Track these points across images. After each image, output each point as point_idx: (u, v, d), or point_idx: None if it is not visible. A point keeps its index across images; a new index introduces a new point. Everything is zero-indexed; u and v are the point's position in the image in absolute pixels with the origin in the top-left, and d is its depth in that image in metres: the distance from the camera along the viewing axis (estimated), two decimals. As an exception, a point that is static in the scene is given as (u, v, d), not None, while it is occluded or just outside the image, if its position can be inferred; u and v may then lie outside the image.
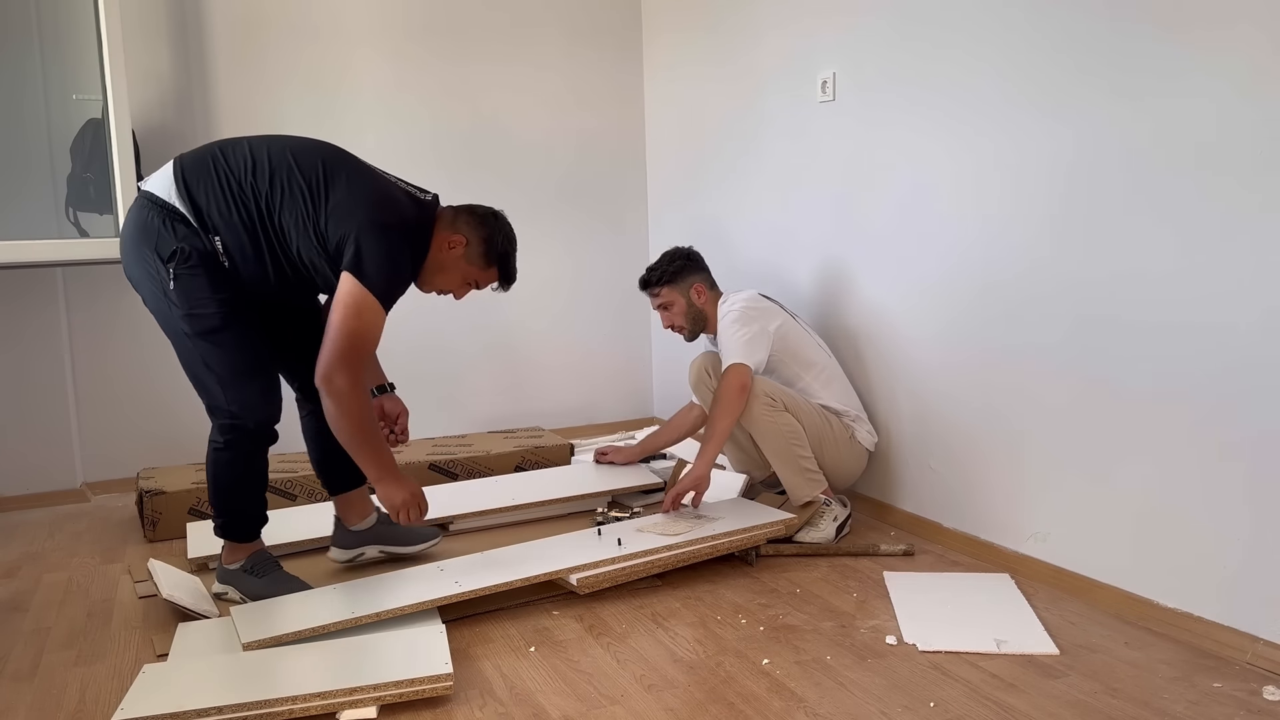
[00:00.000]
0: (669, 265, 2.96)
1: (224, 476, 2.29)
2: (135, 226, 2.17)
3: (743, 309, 2.78)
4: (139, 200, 2.19)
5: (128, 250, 2.19)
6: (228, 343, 2.18)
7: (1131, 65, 2.10)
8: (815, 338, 2.90)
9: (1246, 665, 1.93)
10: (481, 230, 2.34)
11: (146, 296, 2.20)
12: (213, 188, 2.15)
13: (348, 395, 2.14)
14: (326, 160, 2.20)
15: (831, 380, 2.83)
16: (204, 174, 2.16)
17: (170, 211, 2.14)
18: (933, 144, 2.64)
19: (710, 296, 2.94)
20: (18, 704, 1.90)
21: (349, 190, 2.16)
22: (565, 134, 4.06)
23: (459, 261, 2.33)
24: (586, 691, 1.88)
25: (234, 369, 2.20)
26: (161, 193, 2.16)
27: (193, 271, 2.13)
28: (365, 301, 2.12)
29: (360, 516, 2.55)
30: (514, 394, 4.07)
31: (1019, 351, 2.44)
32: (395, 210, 2.20)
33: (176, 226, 2.13)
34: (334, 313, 2.13)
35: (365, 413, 2.20)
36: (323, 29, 3.63)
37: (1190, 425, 2.05)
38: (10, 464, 3.35)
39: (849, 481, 2.86)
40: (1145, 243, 2.11)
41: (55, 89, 3.09)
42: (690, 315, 2.95)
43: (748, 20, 3.40)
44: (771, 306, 2.86)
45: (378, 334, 2.18)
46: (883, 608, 2.25)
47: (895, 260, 2.81)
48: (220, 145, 2.22)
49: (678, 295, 2.95)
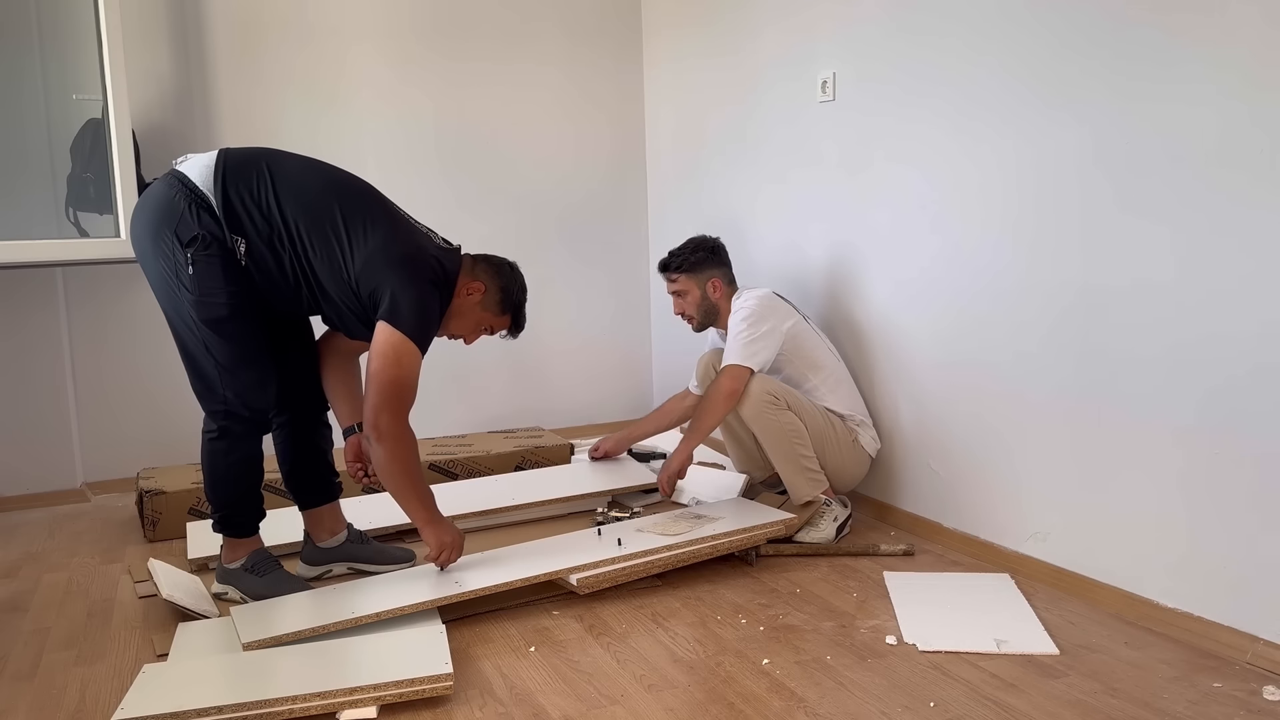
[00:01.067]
0: (691, 254, 2.94)
1: (219, 466, 2.29)
2: (158, 203, 2.15)
3: (757, 306, 2.78)
4: (168, 178, 2.17)
5: (142, 225, 2.17)
6: (232, 333, 2.19)
7: (1134, 66, 2.10)
8: (826, 341, 2.89)
9: (1246, 665, 1.93)
10: (499, 279, 2.40)
11: (152, 274, 2.19)
12: (251, 196, 2.16)
13: (396, 441, 2.18)
14: (368, 206, 2.24)
15: (839, 385, 2.82)
16: (247, 179, 2.17)
17: (199, 199, 2.13)
18: (934, 144, 2.64)
19: (726, 292, 2.94)
20: (18, 704, 1.90)
21: (385, 240, 2.20)
22: (565, 133, 4.06)
23: (475, 308, 2.38)
24: (586, 691, 1.88)
25: (234, 358, 2.20)
26: (197, 178, 2.15)
27: (210, 259, 2.13)
28: (404, 348, 2.16)
29: (330, 533, 2.51)
30: (513, 394, 4.07)
31: (1019, 351, 2.43)
32: (426, 260, 2.25)
33: (201, 215, 2.13)
34: (373, 362, 2.16)
35: (413, 459, 2.24)
36: (322, 29, 3.63)
37: (1190, 425, 2.05)
38: (10, 464, 3.35)
39: (851, 485, 2.86)
40: (1147, 244, 2.10)
41: (55, 89, 3.09)
42: (702, 308, 2.95)
43: (748, 19, 3.40)
44: (785, 306, 2.86)
45: (416, 378, 2.21)
46: (883, 608, 2.25)
47: (896, 261, 2.81)
48: (269, 158, 2.23)
49: (693, 285, 2.94)
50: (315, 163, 2.30)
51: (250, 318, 2.22)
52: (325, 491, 2.50)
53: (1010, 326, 2.45)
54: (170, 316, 2.22)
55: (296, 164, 2.26)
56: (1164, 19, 2.03)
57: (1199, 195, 1.99)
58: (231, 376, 2.21)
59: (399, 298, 2.16)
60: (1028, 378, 2.42)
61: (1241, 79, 1.90)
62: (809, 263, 3.18)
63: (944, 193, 2.62)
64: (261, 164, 2.20)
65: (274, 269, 2.20)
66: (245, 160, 2.20)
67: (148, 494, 2.90)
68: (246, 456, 2.31)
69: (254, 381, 2.24)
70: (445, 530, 2.31)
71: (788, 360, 2.80)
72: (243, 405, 2.23)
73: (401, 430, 2.19)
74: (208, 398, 2.25)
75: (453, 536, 2.32)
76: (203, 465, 2.31)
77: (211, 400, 2.24)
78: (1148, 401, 2.13)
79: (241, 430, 2.26)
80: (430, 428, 3.81)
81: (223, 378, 2.21)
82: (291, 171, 2.22)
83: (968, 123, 2.53)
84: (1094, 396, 2.25)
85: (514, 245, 3.98)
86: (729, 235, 3.62)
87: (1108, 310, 2.20)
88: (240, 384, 2.22)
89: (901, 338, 2.81)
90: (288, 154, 2.28)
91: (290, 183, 2.20)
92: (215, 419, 2.26)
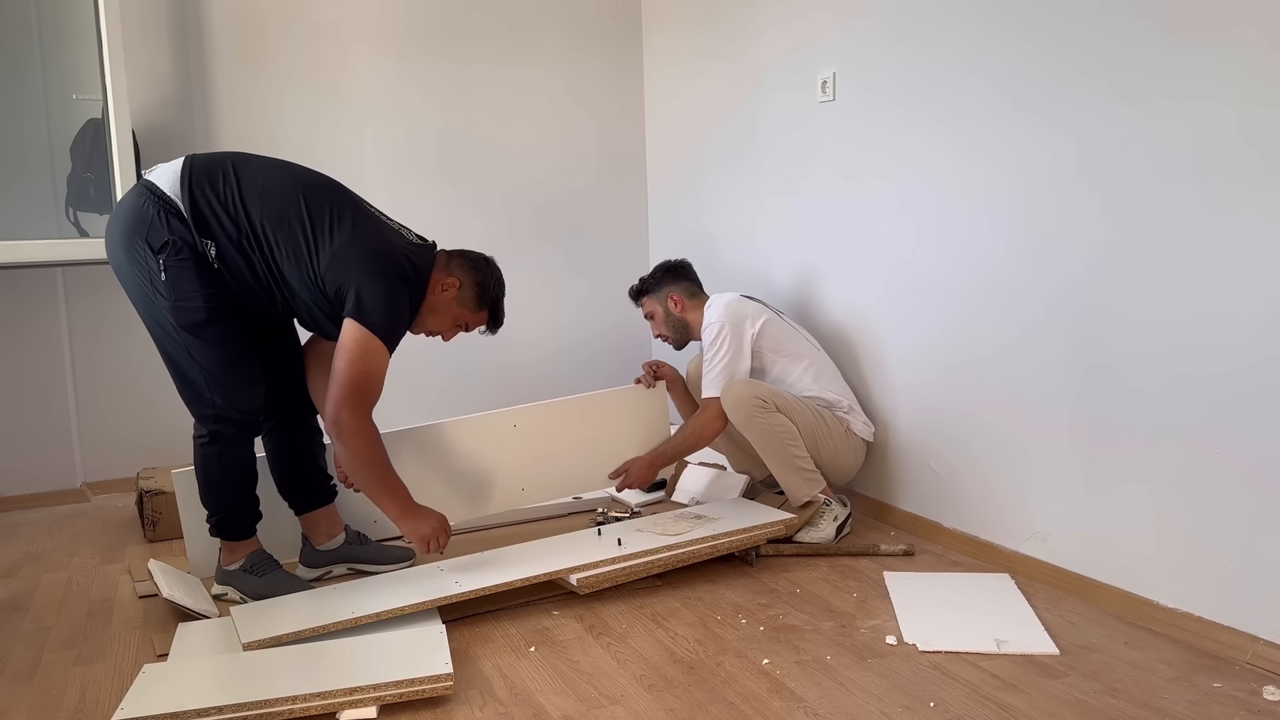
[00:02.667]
0: (651, 277, 3.07)
1: (212, 470, 2.28)
2: (128, 214, 2.17)
3: (722, 318, 2.81)
4: (137, 188, 2.19)
5: (116, 236, 2.19)
6: (213, 337, 2.18)
7: (1134, 66, 2.10)
8: (802, 332, 2.92)
9: (1246, 665, 1.93)
10: (475, 274, 2.39)
11: (129, 285, 2.20)
12: (218, 198, 2.16)
13: (357, 438, 2.17)
14: (334, 203, 2.23)
15: (821, 373, 2.84)
16: (213, 181, 2.17)
17: (167, 205, 2.14)
18: (934, 144, 2.64)
19: (689, 304, 2.99)
20: (18, 704, 1.90)
21: (352, 237, 2.19)
22: (565, 135, 4.06)
23: (451, 304, 2.38)
24: (586, 691, 1.88)
25: (218, 361, 2.20)
26: (165, 185, 2.16)
27: (182, 264, 2.14)
28: (369, 345, 2.15)
29: (328, 535, 2.51)
30: (513, 394, 4.05)
31: (1019, 351, 2.44)
32: (395, 257, 2.23)
33: (171, 220, 2.14)
34: (338, 358, 2.15)
35: (376, 454, 2.21)
36: (323, 29, 3.63)
37: (1190, 425, 2.05)
38: (10, 464, 3.35)
39: (849, 476, 2.86)
40: (1147, 244, 2.10)
41: (55, 89, 3.10)
42: (670, 324, 3.02)
43: (748, 20, 3.40)
44: (753, 307, 2.87)
45: (382, 376, 2.20)
46: (883, 608, 2.25)
47: (896, 260, 2.81)
48: (235, 159, 2.23)
49: (656, 305, 3.03)
50: (282, 163, 2.30)
51: (230, 320, 2.21)
52: (319, 495, 2.49)
53: (1011, 326, 2.45)
54: (150, 326, 2.22)
55: (262, 164, 2.25)
56: (1165, 22, 2.03)
57: (1202, 196, 1.99)
58: (218, 380, 2.21)
59: (364, 294, 2.14)
60: (1028, 378, 2.41)
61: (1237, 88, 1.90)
62: (809, 262, 3.18)
63: (945, 192, 2.62)
64: (227, 165, 2.20)
65: (245, 271, 2.19)
66: (211, 163, 2.20)
67: (148, 494, 2.90)
68: (239, 459, 2.30)
69: (241, 382, 2.23)
70: (423, 521, 2.27)
71: (767, 358, 2.82)
72: (231, 408, 2.23)
73: (363, 426, 2.17)
74: (196, 403, 2.24)
75: (432, 525, 2.28)
76: (196, 471, 2.31)
77: (200, 405, 2.24)
78: (1148, 401, 2.13)
79: (233, 433, 2.26)
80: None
81: (209, 382, 2.21)
82: (256, 172, 2.22)
83: (968, 124, 2.52)
84: (1094, 397, 2.25)
85: (514, 245, 3.99)
86: (729, 236, 3.63)
87: (1108, 310, 2.20)
88: (227, 387, 2.21)
89: (901, 337, 2.81)
90: (255, 156, 2.28)
91: (255, 183, 2.19)
92: (205, 424, 2.25)
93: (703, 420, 2.79)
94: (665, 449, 2.86)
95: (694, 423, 2.82)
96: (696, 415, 2.83)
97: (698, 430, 2.80)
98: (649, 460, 2.84)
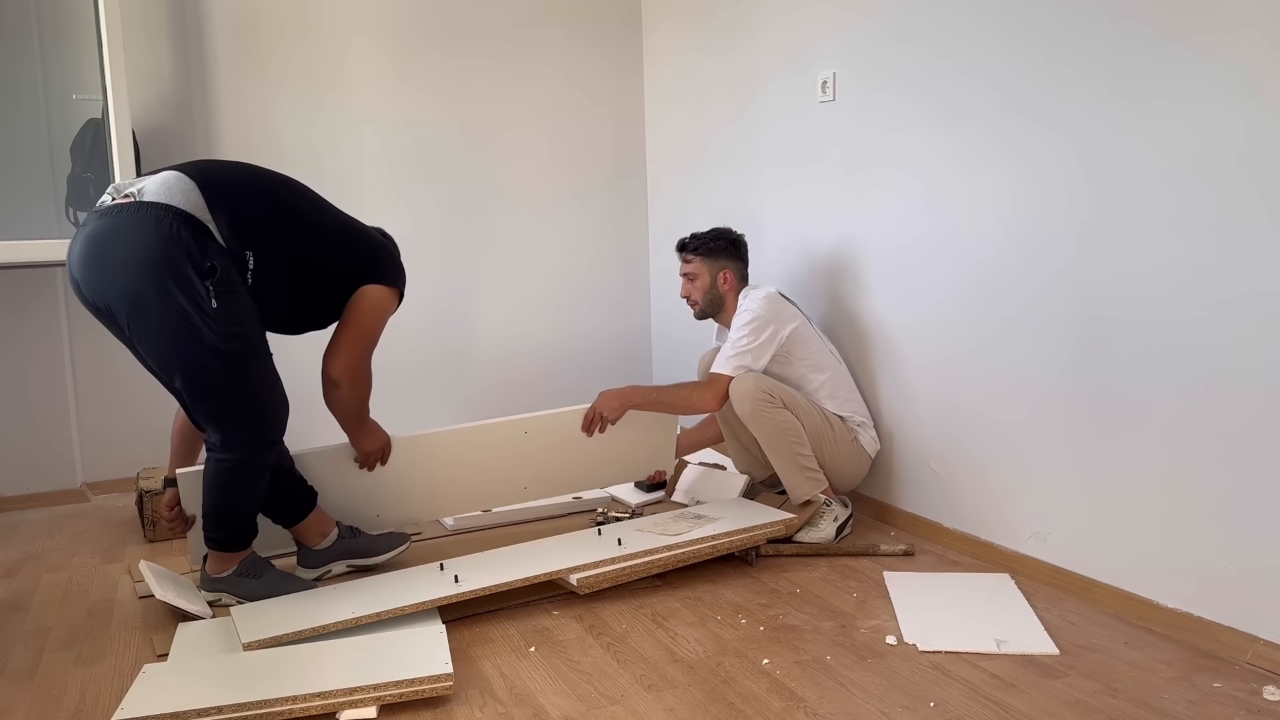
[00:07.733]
0: (711, 240, 2.94)
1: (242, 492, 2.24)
2: (155, 239, 2.03)
3: (761, 310, 2.76)
4: (156, 212, 2.05)
5: (134, 265, 2.03)
6: (264, 362, 2.21)
7: (1132, 64, 2.10)
8: (828, 343, 2.89)
9: (1246, 665, 1.93)
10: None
11: (154, 317, 2.05)
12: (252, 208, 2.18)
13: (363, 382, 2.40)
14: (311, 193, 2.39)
15: (839, 388, 2.82)
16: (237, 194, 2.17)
17: (195, 226, 2.07)
18: (935, 144, 2.64)
19: (736, 287, 2.93)
20: (18, 704, 1.90)
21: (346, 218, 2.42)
22: (565, 133, 4.06)
23: None
24: (586, 691, 1.88)
25: (270, 387, 2.21)
26: (189, 207, 2.08)
27: (234, 290, 2.12)
28: (392, 304, 2.41)
29: (321, 535, 2.50)
30: (513, 392, 4.06)
31: (1019, 352, 2.44)
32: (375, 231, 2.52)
33: (207, 244, 2.09)
34: (364, 315, 2.34)
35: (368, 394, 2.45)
36: (323, 29, 3.63)
37: (1190, 426, 2.05)
38: (10, 464, 3.35)
39: (850, 484, 2.86)
40: (1147, 245, 2.11)
41: (55, 89, 3.09)
42: (708, 295, 2.94)
43: (748, 19, 3.40)
44: (790, 310, 2.84)
45: None
46: (883, 608, 2.25)
47: (896, 261, 2.81)
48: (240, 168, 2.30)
49: (705, 271, 2.93)
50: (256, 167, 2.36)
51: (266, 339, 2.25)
52: (304, 504, 2.47)
53: (1011, 326, 2.45)
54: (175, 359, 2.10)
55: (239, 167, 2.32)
56: (1165, 23, 2.03)
57: (1201, 197, 1.99)
58: (272, 408, 2.22)
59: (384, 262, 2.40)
60: (1028, 377, 2.41)
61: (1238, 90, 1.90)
62: (809, 262, 3.18)
63: (945, 193, 2.62)
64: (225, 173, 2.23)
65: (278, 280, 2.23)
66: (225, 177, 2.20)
67: (148, 494, 2.90)
68: (265, 479, 2.29)
69: (283, 402, 2.26)
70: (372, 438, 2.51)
71: (790, 362, 2.79)
72: (280, 431, 2.26)
73: (369, 372, 2.42)
74: (239, 428, 2.17)
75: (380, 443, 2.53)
76: (213, 490, 2.22)
77: (248, 431, 2.18)
78: (1149, 402, 2.13)
79: (270, 456, 2.26)
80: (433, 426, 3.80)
81: (261, 412, 2.20)
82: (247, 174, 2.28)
83: (969, 126, 2.52)
84: (1094, 396, 2.25)
85: (513, 244, 3.99)
86: (729, 235, 3.61)
87: (1108, 310, 2.20)
88: (280, 410, 2.25)
89: (901, 337, 2.81)
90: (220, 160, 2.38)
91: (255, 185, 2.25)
92: (239, 449, 2.19)
93: (701, 392, 2.73)
94: (646, 390, 2.77)
95: (691, 388, 2.76)
96: (697, 383, 2.78)
97: (690, 397, 2.74)
98: (621, 391, 2.77)
